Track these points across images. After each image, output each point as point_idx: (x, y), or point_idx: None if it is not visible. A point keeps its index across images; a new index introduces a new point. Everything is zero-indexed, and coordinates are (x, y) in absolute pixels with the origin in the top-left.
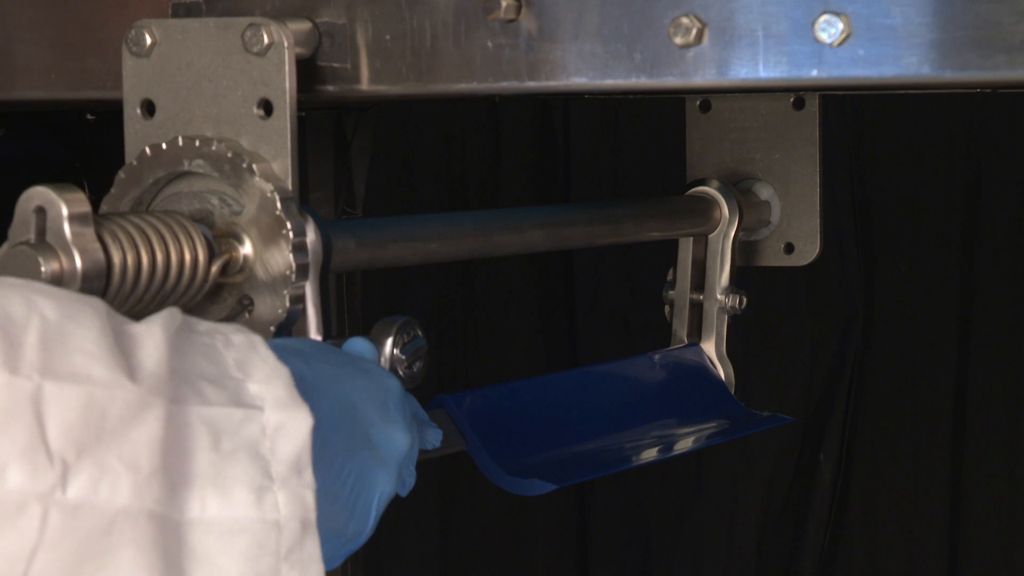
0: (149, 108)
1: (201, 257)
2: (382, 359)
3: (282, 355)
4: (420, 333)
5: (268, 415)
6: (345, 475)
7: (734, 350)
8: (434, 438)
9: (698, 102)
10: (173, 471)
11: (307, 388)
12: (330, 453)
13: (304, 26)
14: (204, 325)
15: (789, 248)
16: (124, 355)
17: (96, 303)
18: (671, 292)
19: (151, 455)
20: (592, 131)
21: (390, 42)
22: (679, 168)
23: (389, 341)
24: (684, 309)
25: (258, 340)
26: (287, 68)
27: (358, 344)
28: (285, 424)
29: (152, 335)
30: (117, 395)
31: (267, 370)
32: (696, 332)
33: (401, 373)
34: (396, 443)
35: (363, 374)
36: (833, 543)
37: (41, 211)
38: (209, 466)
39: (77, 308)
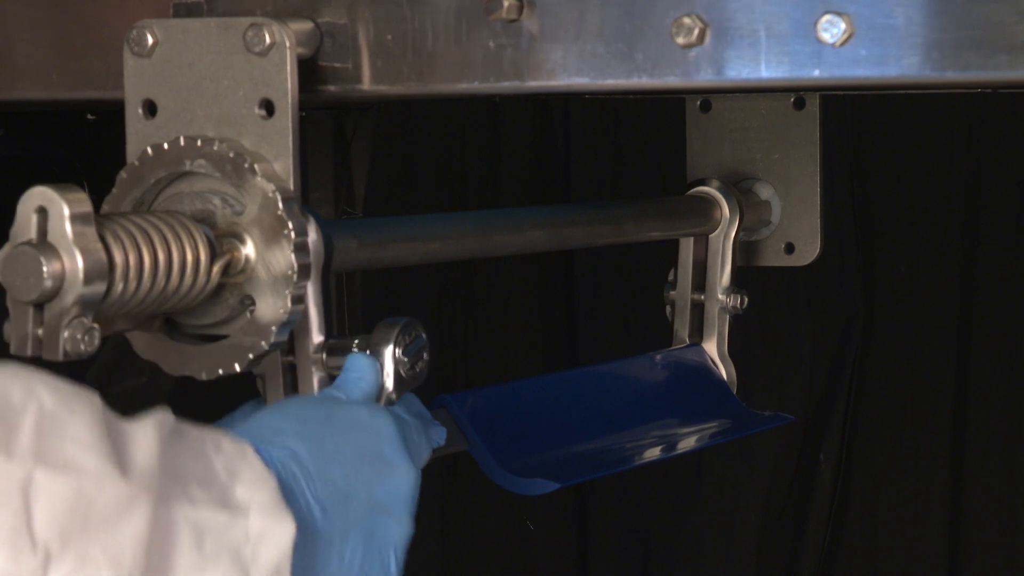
0: (150, 108)
1: (203, 257)
2: (385, 362)
3: (268, 452)
4: (422, 333)
5: (252, 520)
6: (351, 552)
7: (734, 350)
8: (438, 436)
9: (698, 102)
10: (155, 569)
11: (295, 481)
12: (325, 542)
13: (305, 26)
14: (195, 430)
15: (789, 248)
16: (116, 449)
17: (92, 397)
18: (672, 292)
19: (135, 552)
20: (592, 131)
21: (391, 42)
22: (679, 168)
23: (391, 344)
24: (685, 309)
25: (247, 447)
26: (288, 68)
27: (359, 362)
28: (268, 531)
29: (145, 433)
30: (106, 488)
31: (254, 475)
32: (697, 332)
33: (404, 374)
34: (400, 487)
35: (352, 429)
36: (833, 543)
37: (42, 211)
38: (190, 567)
39: (74, 399)
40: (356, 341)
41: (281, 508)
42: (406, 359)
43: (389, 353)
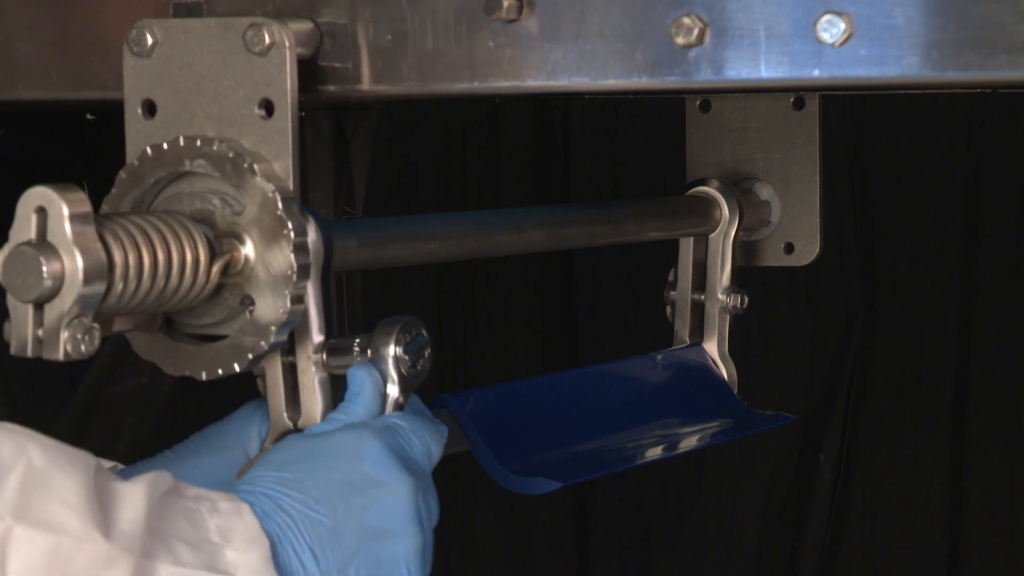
0: (150, 108)
1: (202, 257)
2: (388, 365)
3: (256, 505)
4: (423, 332)
5: None
6: None
7: (734, 350)
8: (442, 434)
9: (698, 102)
10: None
11: (282, 532)
12: None
13: (305, 26)
14: (193, 491)
15: (789, 248)
16: (103, 510)
17: (86, 457)
18: (672, 292)
19: None
20: (592, 131)
21: (391, 42)
22: (679, 168)
23: (392, 343)
24: (686, 309)
25: (244, 507)
26: (288, 68)
27: (355, 376)
28: None
29: (134, 494)
30: (85, 548)
31: (247, 537)
32: (698, 332)
33: (405, 372)
34: (395, 503)
35: (332, 461)
36: (833, 543)
37: (42, 211)
38: None
39: (65, 459)
40: (357, 340)
41: (269, 571)
42: (407, 357)
43: (390, 353)
